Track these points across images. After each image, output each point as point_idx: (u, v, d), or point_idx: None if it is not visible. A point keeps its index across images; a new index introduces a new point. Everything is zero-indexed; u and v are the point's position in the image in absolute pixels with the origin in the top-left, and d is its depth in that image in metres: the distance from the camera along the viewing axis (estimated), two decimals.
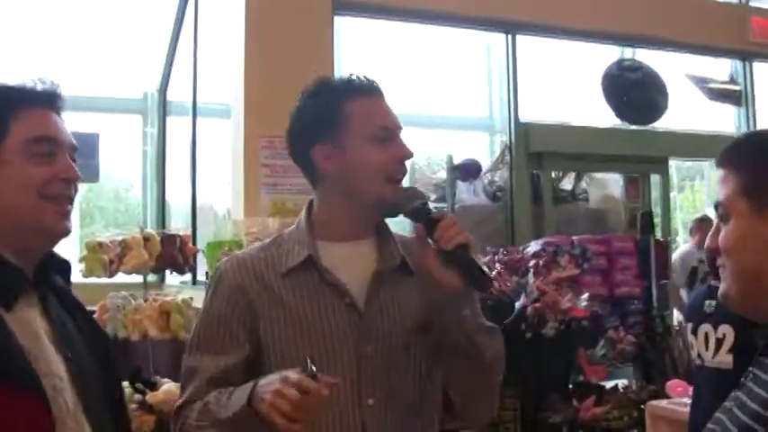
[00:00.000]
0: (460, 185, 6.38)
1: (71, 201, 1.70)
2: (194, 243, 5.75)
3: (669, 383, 4.05)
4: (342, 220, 1.92)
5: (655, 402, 3.96)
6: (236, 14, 5.62)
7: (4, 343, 1.52)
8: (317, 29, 5.73)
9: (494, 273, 4.15)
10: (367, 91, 1.91)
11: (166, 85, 7.29)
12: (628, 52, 7.34)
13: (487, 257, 4.30)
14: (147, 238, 4.54)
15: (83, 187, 8.47)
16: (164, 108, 7.35)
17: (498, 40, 6.80)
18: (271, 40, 5.54)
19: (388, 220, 1.99)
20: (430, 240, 1.78)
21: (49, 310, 1.67)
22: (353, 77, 1.92)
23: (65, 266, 1.81)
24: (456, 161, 6.37)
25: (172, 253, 4.54)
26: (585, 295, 4.17)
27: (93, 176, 7.25)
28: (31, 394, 1.52)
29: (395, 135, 1.90)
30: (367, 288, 1.88)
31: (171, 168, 7.32)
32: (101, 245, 4.47)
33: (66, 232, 1.68)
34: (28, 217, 1.63)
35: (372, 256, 1.93)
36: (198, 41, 6.36)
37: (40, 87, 1.71)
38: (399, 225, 2.09)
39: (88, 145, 6.96)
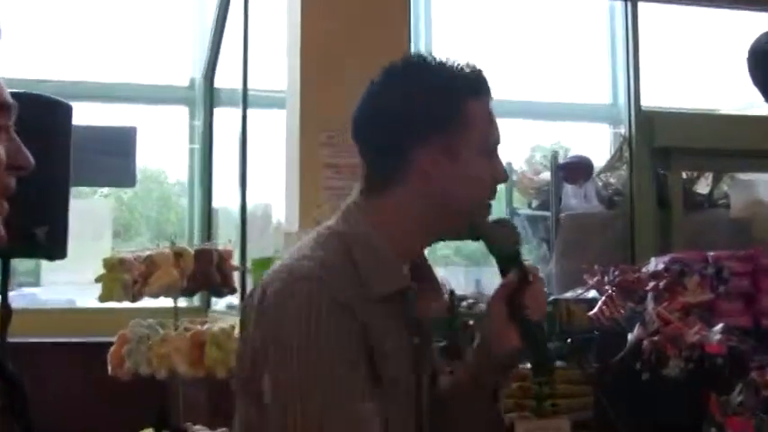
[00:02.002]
0: (568, 189, 6.27)
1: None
2: (243, 259, 5.71)
3: None
4: (413, 237, 1.90)
5: None
6: None
7: None
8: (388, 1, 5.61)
9: (604, 297, 4.03)
10: (486, 90, 1.92)
11: (213, 70, 7.29)
12: None
13: (594, 278, 4.16)
14: (178, 254, 4.52)
15: (123, 194, 8.56)
16: (210, 97, 7.35)
17: (618, 9, 6.65)
18: (333, 15, 5.43)
19: None
20: None
21: None
22: (472, 67, 1.91)
23: None
24: (564, 159, 6.23)
25: (208, 271, 4.51)
26: (720, 326, 3.95)
27: (128, 179, 7.31)
28: None
29: (498, 150, 1.93)
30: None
31: (220, 169, 7.30)
32: (122, 262, 4.46)
33: None
34: None
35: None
36: (249, 17, 6.31)
37: None
38: None
39: (123, 141, 7.04)
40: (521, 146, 7.39)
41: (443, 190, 1.85)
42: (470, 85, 1.89)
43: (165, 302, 4.75)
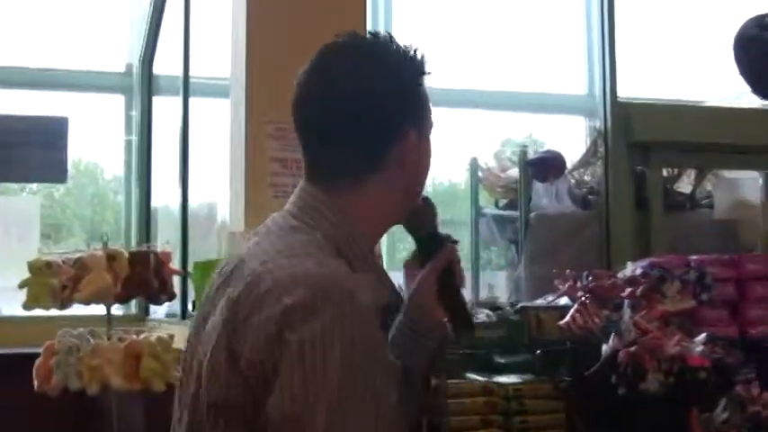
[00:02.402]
0: (538, 187, 6.28)
1: None
2: (184, 262, 5.67)
3: None
4: (383, 229, 1.94)
5: None
6: None
7: None
8: None
9: (576, 304, 4.04)
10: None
11: (152, 55, 7.23)
12: None
13: (567, 284, 4.17)
14: (112, 257, 4.49)
15: (54, 190, 8.48)
16: (149, 84, 7.29)
17: None
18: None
19: None
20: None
21: None
22: (416, 48, 1.92)
23: None
24: (534, 154, 6.24)
25: (144, 276, 4.47)
26: (703, 336, 3.98)
27: (59, 174, 7.21)
28: None
29: None
30: None
31: (159, 163, 7.25)
32: (49, 265, 4.42)
33: None
34: None
35: None
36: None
37: None
38: None
39: (53, 132, 6.94)
40: (490, 139, 7.40)
41: (413, 176, 1.88)
42: (425, 68, 1.92)
43: (98, 310, 4.70)
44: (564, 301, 4.34)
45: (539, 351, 4.05)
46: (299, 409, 1.57)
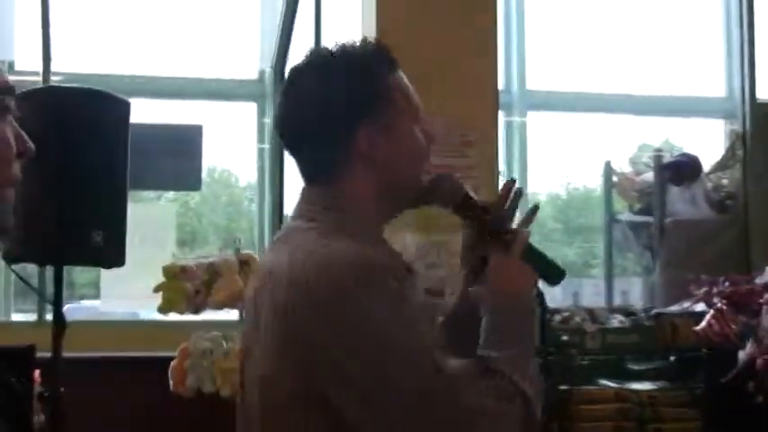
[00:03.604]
0: (673, 192, 6.20)
1: None
2: None
3: None
4: (374, 218, 2.03)
5: None
6: None
7: None
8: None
9: (712, 310, 4.00)
10: (393, 60, 2.06)
11: (284, 61, 7.29)
12: None
13: (702, 290, 4.12)
14: (244, 262, 4.53)
15: (189, 198, 8.63)
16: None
17: None
18: (411, 4, 5.44)
19: None
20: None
21: None
22: (375, 43, 2.07)
23: None
24: (669, 158, 6.17)
25: None
26: None
27: (193, 182, 7.34)
28: None
29: (421, 113, 2.09)
30: None
31: (292, 171, 7.31)
32: (184, 270, 4.48)
33: None
34: None
35: None
36: (321, 3, 6.33)
37: None
38: None
39: (188, 141, 7.06)
40: (625, 144, 7.33)
41: (389, 167, 2.01)
42: (381, 60, 2.05)
43: (231, 315, 4.77)
44: (700, 307, 4.29)
45: (673, 357, 4.02)
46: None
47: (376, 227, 2.04)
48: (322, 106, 2.00)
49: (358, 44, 2.06)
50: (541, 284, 2.06)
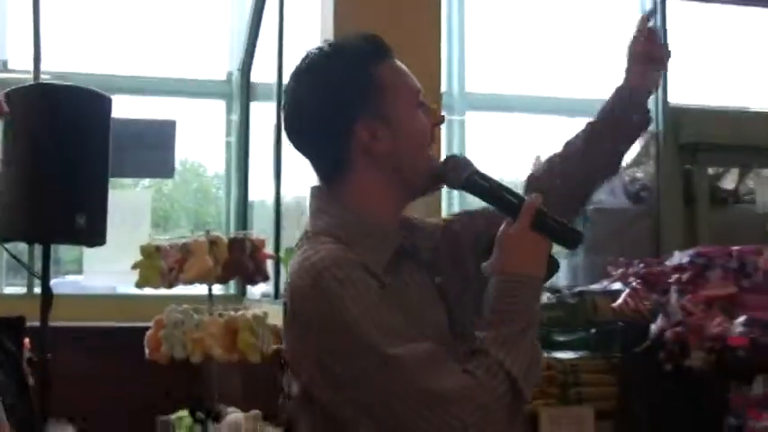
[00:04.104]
0: None
1: None
2: (277, 248, 5.71)
3: None
4: (388, 207, 1.90)
5: None
6: None
7: None
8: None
9: (628, 289, 4.01)
10: (386, 49, 1.92)
11: (250, 64, 7.28)
12: None
13: (620, 271, 4.14)
14: (213, 243, 4.53)
15: (163, 186, 8.59)
16: (247, 91, 7.35)
17: (648, 6, 6.61)
18: (365, 9, 5.42)
19: None
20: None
21: None
22: (366, 36, 1.92)
23: None
24: None
25: (241, 260, 4.50)
26: (743, 318, 3.92)
27: (167, 171, 7.31)
28: None
29: (421, 97, 1.92)
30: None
31: (256, 162, 7.30)
32: (158, 249, 4.47)
33: None
34: None
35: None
36: (284, 12, 6.31)
37: None
38: None
39: (162, 134, 7.03)
40: (556, 142, 7.35)
41: (393, 156, 1.86)
42: (372, 51, 1.90)
43: (201, 290, 4.77)
44: (617, 286, 4.31)
45: (593, 330, 4.04)
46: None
47: (389, 217, 1.90)
48: (317, 108, 1.88)
49: (350, 39, 1.93)
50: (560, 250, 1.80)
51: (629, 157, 6.51)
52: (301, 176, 6.29)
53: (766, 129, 6.44)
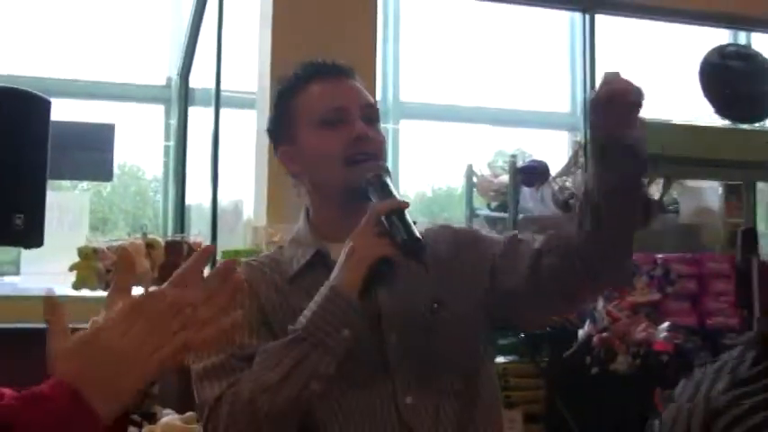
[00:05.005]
0: (525, 192, 6.23)
1: None
2: (214, 251, 5.65)
3: None
4: (333, 219, 2.00)
5: None
6: None
7: None
8: (358, 5, 5.58)
9: None
10: (325, 72, 2.03)
11: (189, 70, 7.21)
12: (735, 38, 7.09)
13: None
14: (150, 245, 4.47)
15: (102, 188, 8.48)
16: (185, 96, 7.28)
17: (577, 21, 6.68)
18: (304, 19, 5.40)
19: None
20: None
21: None
22: (305, 64, 2.06)
23: None
24: (522, 163, 6.20)
25: (178, 262, 4.43)
26: (667, 324, 3.97)
27: (105, 174, 7.21)
28: None
29: (351, 115, 1.97)
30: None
31: (193, 166, 7.23)
32: (95, 251, 4.40)
33: None
34: None
35: None
36: (223, 19, 6.25)
37: None
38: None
39: (101, 137, 6.92)
40: (484, 150, 7.39)
41: (304, 174, 2.01)
42: (295, 82, 2.04)
43: (137, 291, 4.69)
44: None
45: (523, 335, 4.05)
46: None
47: (328, 227, 2.00)
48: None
49: (296, 69, 2.07)
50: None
51: (558, 167, 6.60)
52: (237, 181, 6.27)
53: (690, 141, 6.52)
